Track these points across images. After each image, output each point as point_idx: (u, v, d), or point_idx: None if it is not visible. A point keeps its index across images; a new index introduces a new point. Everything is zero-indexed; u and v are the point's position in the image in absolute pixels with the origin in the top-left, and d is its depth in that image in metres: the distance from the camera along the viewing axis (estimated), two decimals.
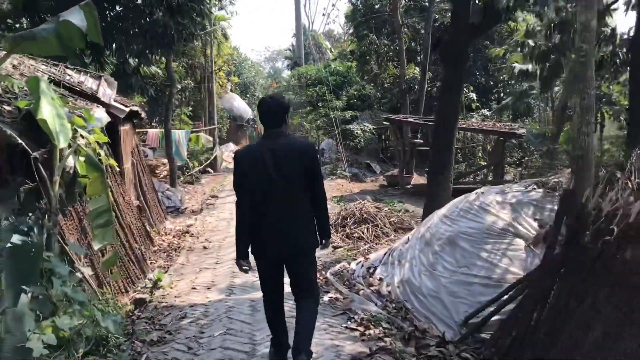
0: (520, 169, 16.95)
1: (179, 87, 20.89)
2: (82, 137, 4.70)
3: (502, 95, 22.33)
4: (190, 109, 29.02)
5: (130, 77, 10.91)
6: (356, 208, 9.27)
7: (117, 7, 11.04)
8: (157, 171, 16.66)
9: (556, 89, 18.81)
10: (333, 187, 16.39)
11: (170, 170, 14.12)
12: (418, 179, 16.72)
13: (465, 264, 5.11)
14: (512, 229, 5.14)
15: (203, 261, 7.45)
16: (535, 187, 5.55)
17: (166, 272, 7.14)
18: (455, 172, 20.47)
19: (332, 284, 6.24)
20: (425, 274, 5.40)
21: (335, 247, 8.00)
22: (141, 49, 10.94)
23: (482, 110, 20.37)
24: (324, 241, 3.78)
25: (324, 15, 63.74)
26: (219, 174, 21.47)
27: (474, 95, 20.76)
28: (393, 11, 19.66)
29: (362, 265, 6.75)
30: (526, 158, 17.29)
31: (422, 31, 21.81)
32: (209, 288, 6.31)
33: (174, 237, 8.94)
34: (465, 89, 20.50)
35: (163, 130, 18.06)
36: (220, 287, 6.31)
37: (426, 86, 18.83)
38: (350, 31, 29.58)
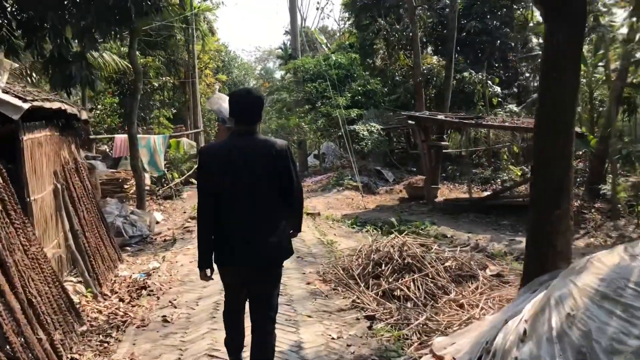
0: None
1: (156, 84, 17.88)
2: None
3: (531, 87, 19.46)
4: (174, 110, 26.15)
5: (69, 64, 7.88)
6: (393, 247, 6.30)
7: None
8: (126, 186, 13.62)
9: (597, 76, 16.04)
10: (341, 201, 13.43)
11: (138, 187, 11.11)
12: (444, 191, 13.81)
13: None
14: None
15: (159, 355, 4.45)
16: None
17: None
18: (481, 178, 17.63)
19: None
20: None
21: (369, 318, 5.06)
22: (85, 27, 7.92)
23: (509, 106, 17.47)
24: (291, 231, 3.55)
25: (317, 9, 60.38)
26: None
27: (498, 89, 17.88)
28: None
29: None
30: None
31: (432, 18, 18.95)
32: None
33: (122, 298, 5.94)
34: (488, 81, 17.65)
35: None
36: None
37: (453, 77, 15.92)
38: (350, 22, 26.72)
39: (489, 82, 17.46)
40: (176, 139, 17.99)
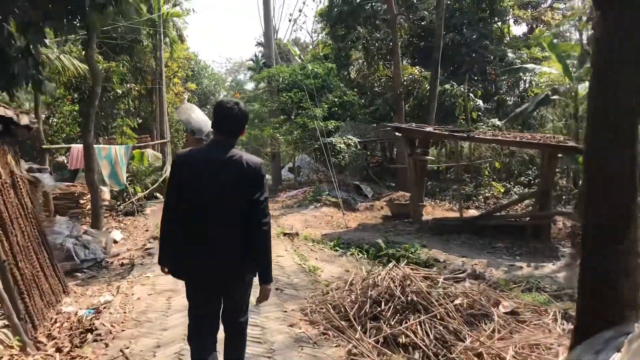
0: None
1: (120, 91, 16.63)
2: None
3: (510, 101, 18.91)
4: (139, 120, 24.79)
5: (12, 62, 6.70)
6: (393, 281, 5.31)
7: None
8: (82, 201, 12.32)
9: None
10: (320, 219, 12.42)
11: (93, 203, 9.87)
12: (430, 209, 12.95)
13: None
14: None
15: None
16: None
17: None
18: (462, 194, 16.87)
19: None
20: None
21: None
22: (31, 18, 6.77)
23: (492, 120, 16.80)
24: (260, 290, 3.23)
25: (290, 21, 59.70)
26: None
27: (480, 102, 17.21)
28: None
29: None
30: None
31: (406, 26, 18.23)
32: None
33: (60, 347, 4.78)
34: (470, 94, 16.99)
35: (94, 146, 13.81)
36: None
37: (438, 88, 15.12)
38: (325, 32, 25.95)
39: (471, 95, 16.77)
40: (140, 150, 16.72)
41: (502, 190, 16.53)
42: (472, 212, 13.92)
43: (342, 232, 10.86)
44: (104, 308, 5.99)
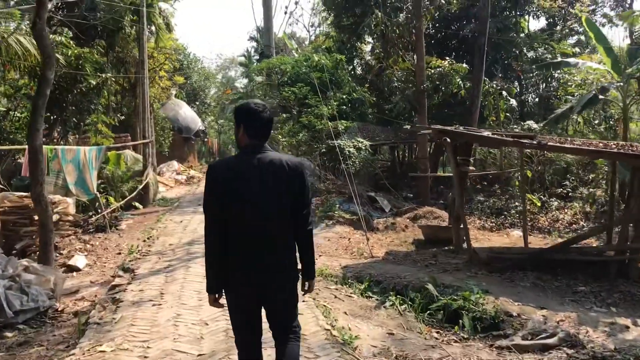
0: None
1: (93, 82, 14.07)
2: None
3: (544, 100, 16.61)
4: (121, 117, 22.22)
5: None
6: None
7: None
8: (37, 217, 9.82)
9: None
10: (335, 242, 10.04)
11: (41, 229, 7.33)
12: (475, 232, 10.60)
13: None
14: None
15: None
16: None
17: None
18: (490, 208, 14.54)
19: None
20: None
21: None
22: None
23: (529, 123, 14.47)
24: (307, 284, 3.32)
25: (285, 13, 56.69)
26: (152, 210, 14.61)
27: (514, 103, 14.87)
28: None
29: None
30: None
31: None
32: None
33: None
34: (502, 92, 14.64)
35: (56, 147, 11.31)
36: None
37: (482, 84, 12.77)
38: (328, 21, 23.52)
39: (504, 93, 14.44)
40: (117, 152, 14.21)
41: (539, 204, 14.23)
42: (515, 234, 11.60)
43: (368, 263, 8.46)
44: None
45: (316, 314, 5.80)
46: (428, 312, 6.39)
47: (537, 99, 19.34)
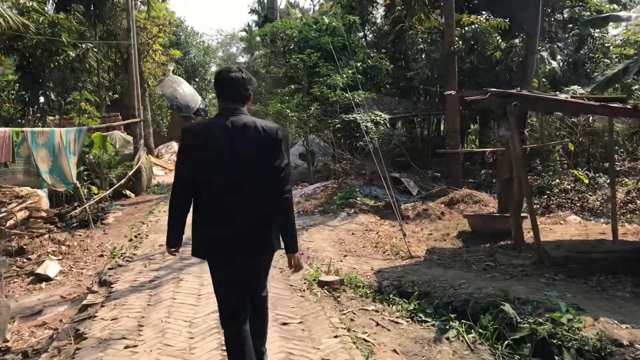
0: None
1: (72, 53, 12.15)
2: None
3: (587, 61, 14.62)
4: (114, 95, 20.42)
5: None
6: None
7: None
8: None
9: None
10: (359, 237, 8.29)
11: None
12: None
13: None
14: None
15: None
16: None
17: None
18: (534, 187, 12.71)
19: None
20: None
21: None
22: None
23: (573, 87, 12.50)
24: (291, 260, 3.14)
25: None
26: (145, 199, 12.83)
27: (555, 65, 12.90)
28: None
29: None
30: None
31: None
32: None
33: None
34: (541, 54, 12.65)
35: (24, 129, 9.49)
36: None
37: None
38: None
39: (543, 54, 12.45)
40: (101, 133, 12.39)
41: (587, 181, 12.37)
42: (572, 219, 9.78)
43: (407, 266, 6.68)
44: None
45: (354, 356, 4.05)
46: (506, 343, 4.62)
47: (570, 62, 17.29)
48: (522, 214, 7.53)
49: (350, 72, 12.73)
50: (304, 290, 5.51)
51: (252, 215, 3.00)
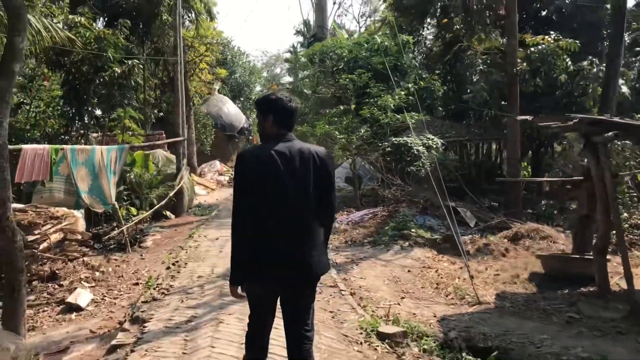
0: None
1: (117, 70, 11.89)
2: None
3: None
4: (160, 113, 20.30)
5: None
6: None
7: None
8: (32, 238, 7.68)
9: None
10: (416, 275, 7.51)
11: (6, 269, 5.02)
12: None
13: None
14: None
15: None
16: None
17: None
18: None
19: None
20: None
21: None
22: None
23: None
24: None
25: (334, 3, 53.92)
26: (186, 221, 12.34)
27: (626, 91, 11.85)
28: None
29: None
30: None
31: None
32: None
33: None
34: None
35: (64, 146, 9.09)
36: None
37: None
38: (386, 3, 20.85)
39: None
40: (144, 151, 12.02)
41: None
42: None
43: (476, 314, 5.84)
44: None
45: None
46: None
47: (638, 88, 16.10)
48: (607, 258, 6.57)
49: (402, 93, 12.02)
50: (360, 343, 4.76)
51: (309, 241, 2.97)
